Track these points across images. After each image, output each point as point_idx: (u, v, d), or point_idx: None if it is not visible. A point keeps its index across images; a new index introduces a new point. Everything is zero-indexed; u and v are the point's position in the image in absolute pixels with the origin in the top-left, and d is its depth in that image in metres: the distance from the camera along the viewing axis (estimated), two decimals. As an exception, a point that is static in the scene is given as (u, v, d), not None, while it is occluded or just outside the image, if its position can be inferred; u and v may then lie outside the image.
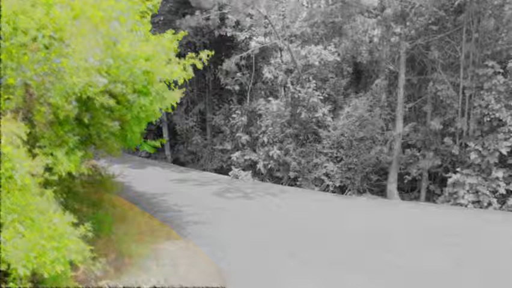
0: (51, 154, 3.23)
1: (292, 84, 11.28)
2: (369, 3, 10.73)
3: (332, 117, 11.19)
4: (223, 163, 13.18)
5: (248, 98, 12.75)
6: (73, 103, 3.18)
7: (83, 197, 4.60)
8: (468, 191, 9.29)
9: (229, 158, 12.40)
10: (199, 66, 4.63)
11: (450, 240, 5.42)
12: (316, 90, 10.91)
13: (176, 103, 4.54)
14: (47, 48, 3.11)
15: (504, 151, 9.10)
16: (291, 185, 10.84)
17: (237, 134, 12.34)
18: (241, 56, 11.41)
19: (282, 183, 10.99)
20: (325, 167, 10.74)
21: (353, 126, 10.70)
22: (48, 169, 3.11)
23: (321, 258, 4.67)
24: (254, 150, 11.94)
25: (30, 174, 2.80)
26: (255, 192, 8.33)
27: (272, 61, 12.17)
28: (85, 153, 3.71)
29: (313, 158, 10.87)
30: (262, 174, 11.47)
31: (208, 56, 4.69)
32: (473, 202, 9.22)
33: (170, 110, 4.49)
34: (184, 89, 4.60)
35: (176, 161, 14.34)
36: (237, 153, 11.94)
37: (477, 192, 9.27)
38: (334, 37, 12.27)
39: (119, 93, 3.59)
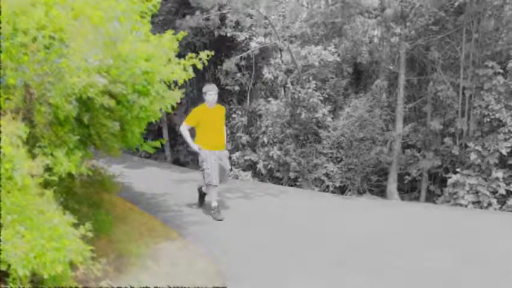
0: (52, 154, 3.22)
1: (292, 84, 11.28)
2: (369, 4, 10.74)
3: (332, 118, 11.19)
4: (223, 164, 13.16)
5: (248, 98, 12.75)
6: (73, 103, 3.17)
7: (83, 197, 4.60)
8: (468, 191, 9.29)
9: (229, 158, 12.38)
10: (199, 66, 4.63)
11: (450, 241, 5.42)
12: (316, 91, 10.91)
13: (177, 103, 4.54)
14: (47, 48, 3.11)
15: (504, 151, 9.10)
16: (291, 186, 10.84)
17: (237, 134, 12.33)
18: (241, 57, 11.40)
19: (282, 184, 10.99)
20: (325, 167, 10.74)
21: (353, 126, 10.70)
22: (48, 169, 3.11)
23: (321, 259, 4.67)
24: (254, 151, 11.93)
25: (31, 174, 2.80)
26: (255, 192, 8.33)
27: (272, 61, 12.17)
28: (84, 154, 3.71)
29: (314, 159, 10.87)
30: (262, 174, 11.47)
31: (208, 56, 4.69)
32: (473, 202, 9.22)
33: (170, 111, 4.49)
34: (184, 90, 4.59)
35: (176, 162, 14.33)
36: (237, 154, 11.93)
37: (477, 192, 9.27)
38: (334, 37, 12.27)
39: (119, 93, 3.59)
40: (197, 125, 5.96)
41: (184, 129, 5.98)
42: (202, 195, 6.63)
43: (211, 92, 5.95)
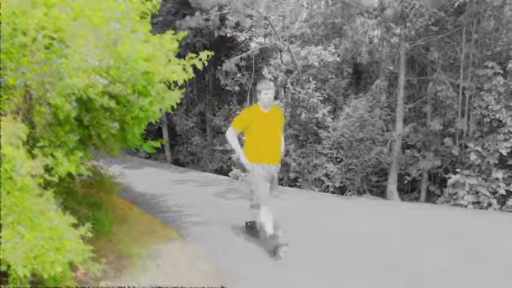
0: (51, 155, 3.22)
1: (292, 84, 11.29)
2: (369, 4, 10.75)
3: (332, 118, 11.20)
4: (223, 164, 13.18)
5: (248, 98, 12.76)
6: (73, 103, 3.17)
7: (82, 198, 4.60)
8: (468, 191, 9.30)
9: (229, 158, 12.38)
10: (199, 66, 4.61)
11: (450, 241, 5.42)
12: (316, 91, 10.92)
13: (176, 104, 4.53)
14: (47, 48, 3.11)
15: (504, 152, 9.10)
16: (291, 186, 10.84)
17: (237, 135, 12.31)
18: (241, 57, 11.41)
19: (282, 184, 10.99)
20: (325, 167, 10.74)
21: (352, 127, 10.71)
22: (48, 170, 3.10)
23: (321, 259, 4.67)
24: (254, 151, 11.89)
25: (30, 174, 2.80)
26: (255, 192, 8.31)
27: (272, 62, 12.18)
28: (84, 154, 3.71)
29: (313, 159, 10.87)
30: (262, 175, 11.44)
31: (208, 56, 4.68)
32: (473, 203, 9.23)
33: (170, 111, 4.49)
34: (184, 90, 4.59)
35: (176, 162, 14.35)
36: (237, 154, 11.88)
37: (477, 193, 9.28)
38: (334, 38, 12.29)
39: (119, 93, 3.59)
40: (246, 130, 4.83)
41: (231, 135, 4.88)
42: (252, 227, 5.30)
43: (267, 90, 4.68)
